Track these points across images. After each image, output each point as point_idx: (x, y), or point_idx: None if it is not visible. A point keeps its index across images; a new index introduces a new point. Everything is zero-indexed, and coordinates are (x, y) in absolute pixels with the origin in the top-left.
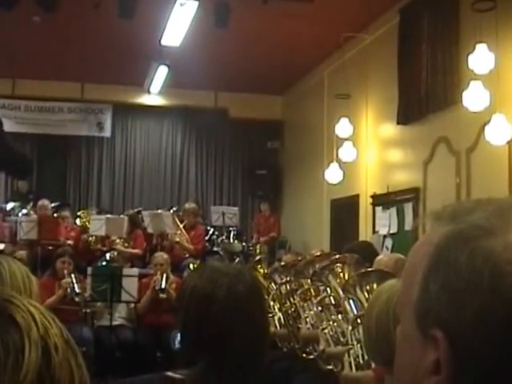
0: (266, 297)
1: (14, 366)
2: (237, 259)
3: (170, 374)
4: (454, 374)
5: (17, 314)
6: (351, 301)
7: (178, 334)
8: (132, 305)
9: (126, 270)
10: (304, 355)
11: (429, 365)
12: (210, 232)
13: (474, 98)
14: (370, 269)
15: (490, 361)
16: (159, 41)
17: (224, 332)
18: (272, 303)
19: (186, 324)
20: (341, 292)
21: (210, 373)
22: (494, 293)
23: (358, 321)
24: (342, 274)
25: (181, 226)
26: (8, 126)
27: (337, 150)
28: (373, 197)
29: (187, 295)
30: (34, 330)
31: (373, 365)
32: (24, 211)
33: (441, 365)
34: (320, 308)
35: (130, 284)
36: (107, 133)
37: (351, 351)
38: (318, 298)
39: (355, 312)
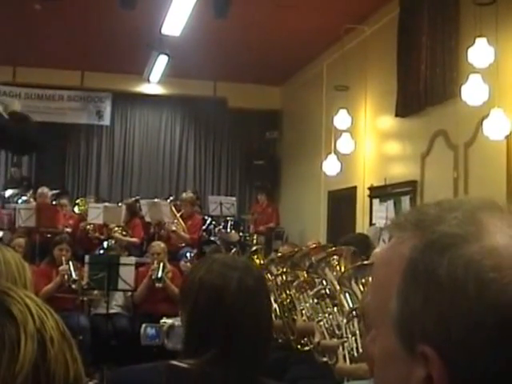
0: None
1: (10, 358)
2: (233, 249)
3: (175, 362)
4: None
5: (13, 307)
6: (347, 294)
7: (149, 328)
8: (129, 293)
9: (124, 259)
10: (299, 347)
11: (418, 381)
12: (208, 221)
13: (473, 91)
14: (365, 262)
15: (483, 372)
16: (159, 30)
17: (234, 324)
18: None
19: (194, 316)
20: (337, 285)
21: (218, 363)
22: (481, 302)
23: (353, 313)
24: (338, 267)
25: (178, 215)
26: None
27: (335, 141)
28: (370, 189)
29: (195, 288)
30: (31, 323)
31: None
32: (23, 198)
33: (433, 381)
34: (316, 300)
35: (127, 273)
36: (106, 121)
37: (346, 344)
38: (314, 291)
39: (350, 305)
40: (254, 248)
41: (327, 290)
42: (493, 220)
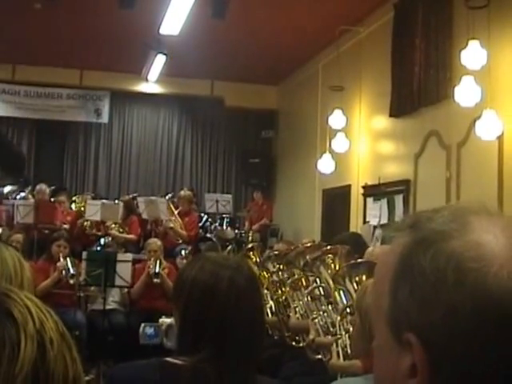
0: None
1: (10, 359)
2: (229, 246)
3: (169, 359)
4: (430, 375)
5: (14, 308)
6: (341, 291)
7: (148, 328)
8: (125, 289)
9: (121, 255)
10: (294, 343)
11: (405, 369)
12: (204, 219)
13: (466, 93)
14: (359, 260)
15: (463, 359)
16: (158, 29)
17: (227, 322)
18: (265, 291)
19: (187, 314)
20: (331, 282)
21: (212, 360)
22: (459, 290)
23: (347, 311)
24: (332, 265)
25: (175, 213)
26: (7, 111)
27: (330, 140)
28: (364, 187)
29: (188, 286)
30: (31, 325)
31: None
32: (22, 195)
33: (416, 367)
34: (310, 298)
35: (124, 269)
36: (105, 119)
37: (339, 341)
38: (309, 289)
39: (345, 302)
40: (250, 245)
41: (321, 289)
42: (479, 220)
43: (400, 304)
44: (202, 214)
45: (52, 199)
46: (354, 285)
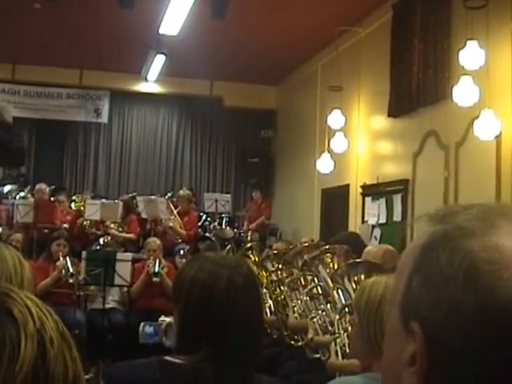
0: None
1: (10, 358)
2: (228, 246)
3: (168, 358)
4: (428, 366)
5: (14, 308)
6: (339, 290)
7: (147, 326)
8: (125, 288)
9: (120, 255)
10: (292, 342)
11: (407, 357)
12: (203, 218)
13: (464, 93)
14: (358, 260)
15: (460, 357)
16: (157, 29)
17: (225, 321)
18: (264, 291)
19: (186, 313)
20: (330, 282)
21: (211, 359)
22: (467, 290)
23: (346, 310)
24: (331, 264)
25: (175, 212)
26: None
27: (328, 140)
28: (363, 187)
29: (187, 286)
30: (31, 324)
31: None
32: (21, 194)
33: (416, 356)
34: (309, 297)
35: (124, 268)
36: (104, 119)
37: (338, 340)
38: (308, 288)
39: (343, 301)
40: (249, 245)
41: (319, 289)
42: (505, 222)
43: (412, 293)
44: (201, 214)
45: (51, 198)
46: (353, 284)
